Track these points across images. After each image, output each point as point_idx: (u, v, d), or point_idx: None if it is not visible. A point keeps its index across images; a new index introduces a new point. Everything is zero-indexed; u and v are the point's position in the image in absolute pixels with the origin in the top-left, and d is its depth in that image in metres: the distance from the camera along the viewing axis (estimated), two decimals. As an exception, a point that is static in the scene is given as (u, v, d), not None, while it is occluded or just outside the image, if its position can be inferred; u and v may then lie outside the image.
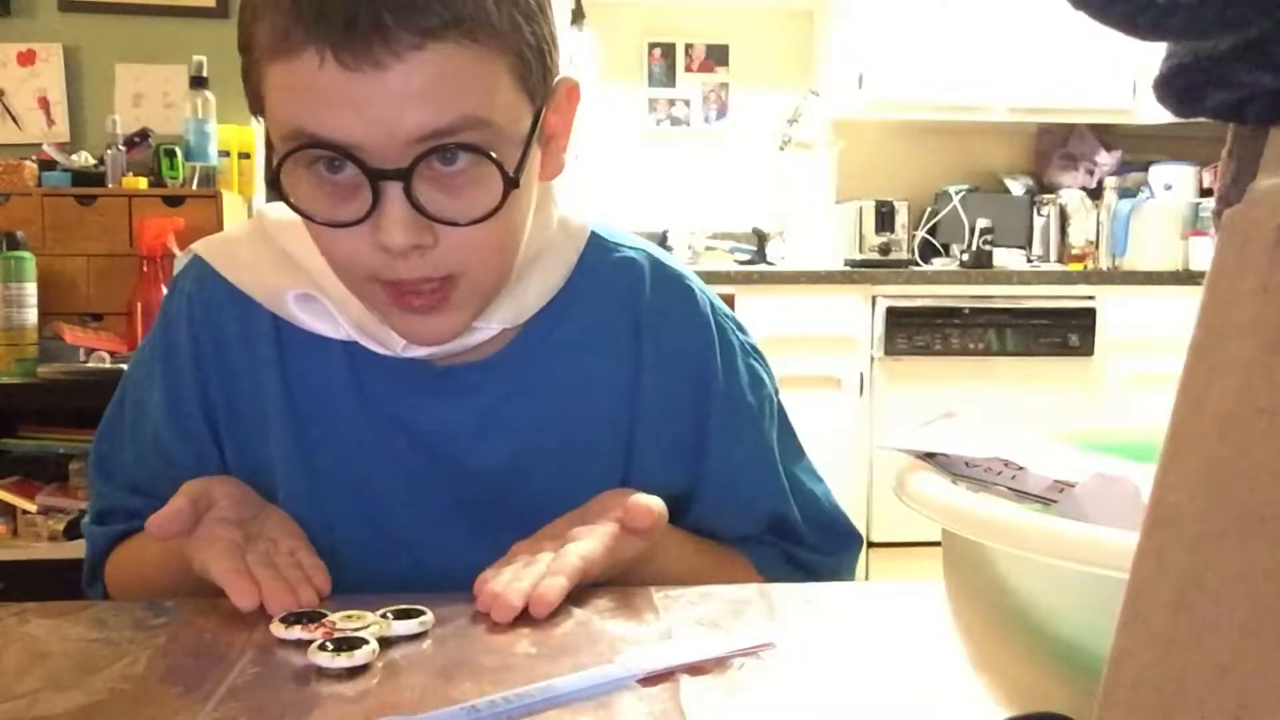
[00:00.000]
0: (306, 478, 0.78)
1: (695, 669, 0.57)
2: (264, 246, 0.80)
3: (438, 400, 0.78)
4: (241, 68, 0.67)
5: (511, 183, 0.65)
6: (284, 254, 0.79)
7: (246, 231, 0.83)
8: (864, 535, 3.19)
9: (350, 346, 0.78)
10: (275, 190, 0.66)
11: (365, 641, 0.58)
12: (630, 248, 0.84)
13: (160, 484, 0.78)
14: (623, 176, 3.64)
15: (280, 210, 0.78)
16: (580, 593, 0.68)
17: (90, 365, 2.07)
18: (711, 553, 0.82)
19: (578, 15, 3.24)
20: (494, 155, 0.64)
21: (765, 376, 0.86)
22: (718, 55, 3.79)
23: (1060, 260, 3.64)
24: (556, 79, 0.70)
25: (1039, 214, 3.68)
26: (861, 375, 3.20)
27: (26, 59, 2.62)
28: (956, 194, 3.65)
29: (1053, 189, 3.75)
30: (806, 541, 0.86)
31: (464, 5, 0.61)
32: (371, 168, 0.63)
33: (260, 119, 0.68)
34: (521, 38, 0.65)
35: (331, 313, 0.76)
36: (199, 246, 0.83)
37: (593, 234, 0.83)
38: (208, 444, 0.80)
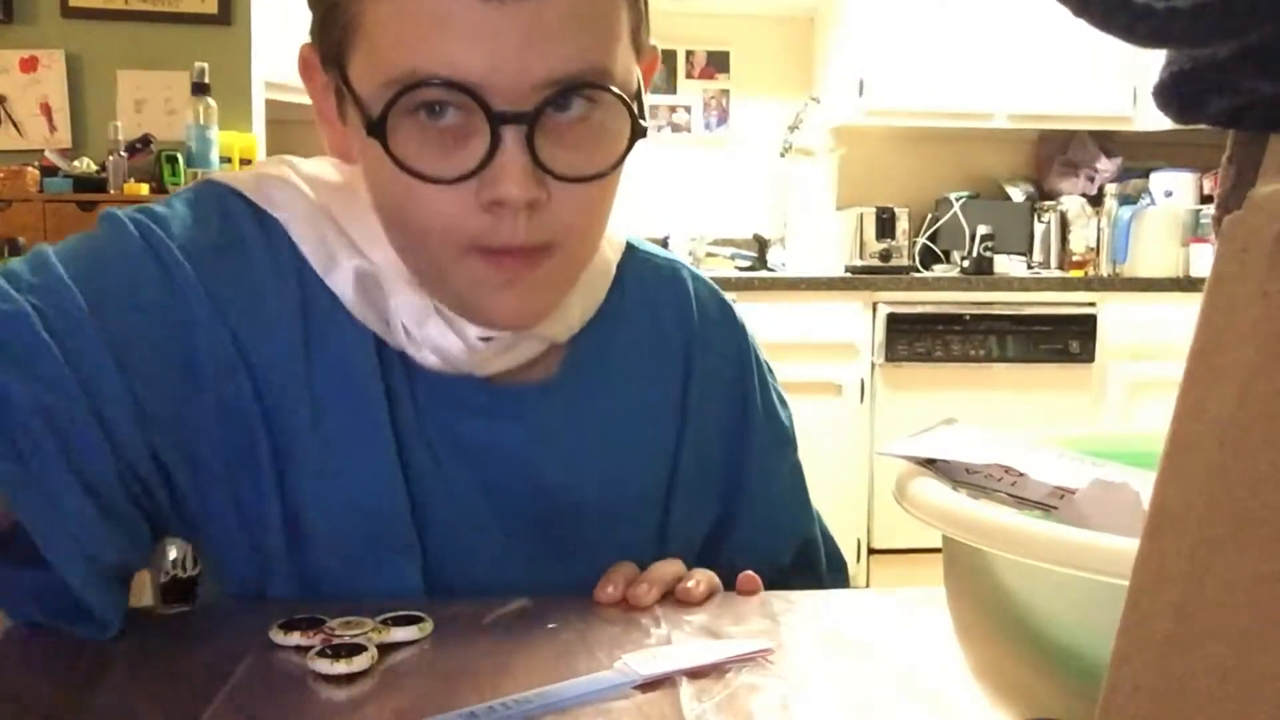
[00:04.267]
0: (333, 479, 0.68)
1: (694, 675, 0.57)
2: (315, 209, 0.68)
3: (486, 419, 0.71)
4: (318, 16, 0.61)
5: (640, 131, 0.61)
6: (338, 226, 0.68)
7: (288, 181, 0.69)
8: (865, 541, 3.20)
9: (388, 353, 0.69)
10: (379, 140, 0.58)
11: (364, 648, 0.58)
12: (664, 258, 0.81)
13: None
14: (624, 183, 3.63)
15: (316, 167, 0.70)
16: (580, 597, 0.68)
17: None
18: None
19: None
20: (625, 99, 0.59)
21: (785, 398, 0.85)
22: (718, 62, 3.80)
23: (1061, 267, 3.64)
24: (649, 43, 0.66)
25: (1040, 221, 3.68)
26: (862, 382, 3.20)
27: (29, 65, 2.63)
28: (957, 201, 3.65)
29: (1053, 196, 3.75)
30: (820, 570, 0.86)
31: None
32: (494, 111, 0.56)
33: (332, 71, 0.62)
34: None
35: (391, 310, 0.67)
36: (236, 183, 0.69)
37: (628, 241, 0.79)
38: (160, 398, 0.63)
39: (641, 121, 0.61)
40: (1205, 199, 3.55)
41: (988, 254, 3.51)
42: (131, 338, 0.62)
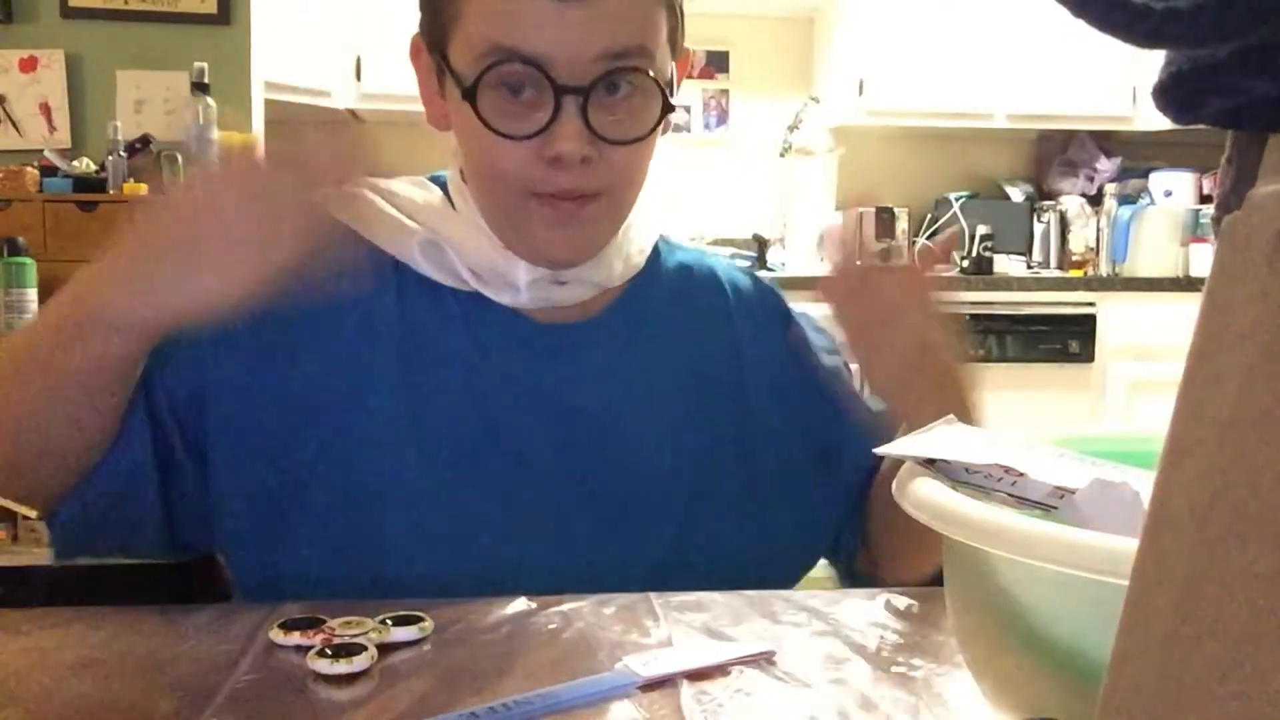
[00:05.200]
0: (414, 428, 0.78)
1: (695, 676, 0.57)
2: (374, 204, 0.82)
3: (549, 354, 0.83)
4: (429, 8, 0.77)
5: (669, 107, 0.78)
6: (396, 211, 0.82)
7: (344, 193, 0.80)
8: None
9: (465, 302, 0.82)
10: (472, 104, 0.73)
11: (364, 647, 0.58)
12: (693, 248, 0.97)
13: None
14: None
15: (410, 192, 0.84)
16: (581, 598, 0.68)
17: (91, 371, 2.07)
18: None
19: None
20: (658, 80, 0.76)
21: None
22: (718, 62, 3.80)
23: (1060, 267, 3.64)
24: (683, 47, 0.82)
25: (1039, 221, 3.68)
26: (862, 381, 3.20)
27: (28, 65, 2.63)
28: (957, 201, 3.66)
29: (1053, 196, 3.75)
30: None
31: None
32: (558, 83, 0.72)
33: (434, 53, 0.77)
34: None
35: (454, 260, 0.81)
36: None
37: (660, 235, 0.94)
38: (188, 382, 0.77)
39: (671, 100, 0.78)
40: (1205, 199, 3.55)
41: (987, 254, 3.51)
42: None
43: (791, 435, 0.89)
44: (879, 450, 0.55)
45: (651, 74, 0.75)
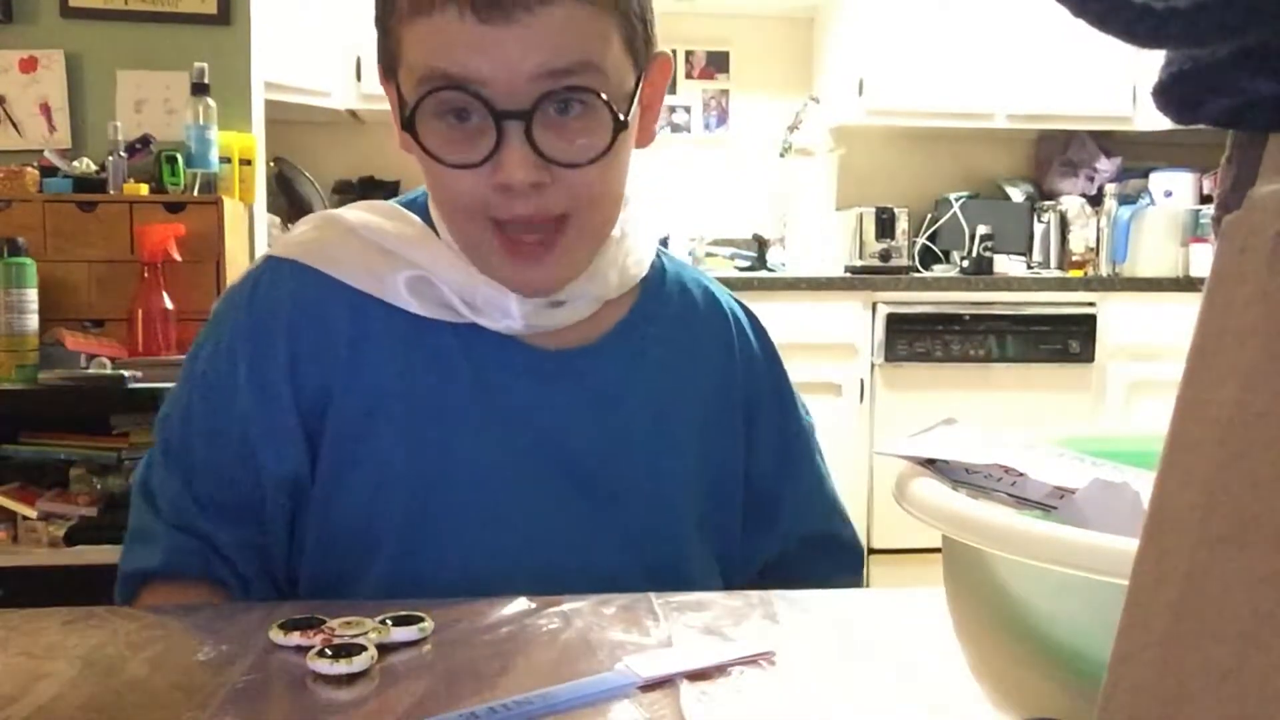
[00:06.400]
0: (424, 463, 0.78)
1: (696, 676, 0.57)
2: (355, 242, 0.82)
3: (548, 382, 0.81)
4: (378, 38, 0.75)
5: (621, 125, 0.72)
6: (380, 247, 0.81)
7: (326, 234, 0.83)
8: (864, 541, 3.19)
9: (464, 334, 0.80)
10: (410, 134, 0.72)
11: (364, 648, 0.58)
12: (690, 269, 0.95)
13: (222, 490, 0.79)
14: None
15: (353, 213, 0.83)
16: (581, 598, 0.68)
17: (91, 371, 2.07)
18: None
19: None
20: (604, 96, 0.71)
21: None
22: (718, 62, 3.80)
23: (1060, 267, 3.64)
24: (655, 51, 0.78)
25: (1039, 221, 3.68)
26: (862, 382, 3.20)
27: (28, 65, 2.63)
28: (957, 200, 3.65)
29: (1053, 196, 3.75)
30: (850, 538, 0.98)
31: None
32: (497, 109, 0.69)
33: (391, 82, 0.75)
34: (629, 3, 0.73)
35: (445, 293, 0.79)
36: (283, 250, 0.83)
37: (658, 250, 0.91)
38: (297, 444, 0.79)
39: (621, 116, 0.72)
40: (1205, 199, 3.55)
41: (987, 254, 3.51)
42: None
43: (751, 475, 0.89)
44: (879, 450, 0.56)
45: (599, 90, 0.71)
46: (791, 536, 0.91)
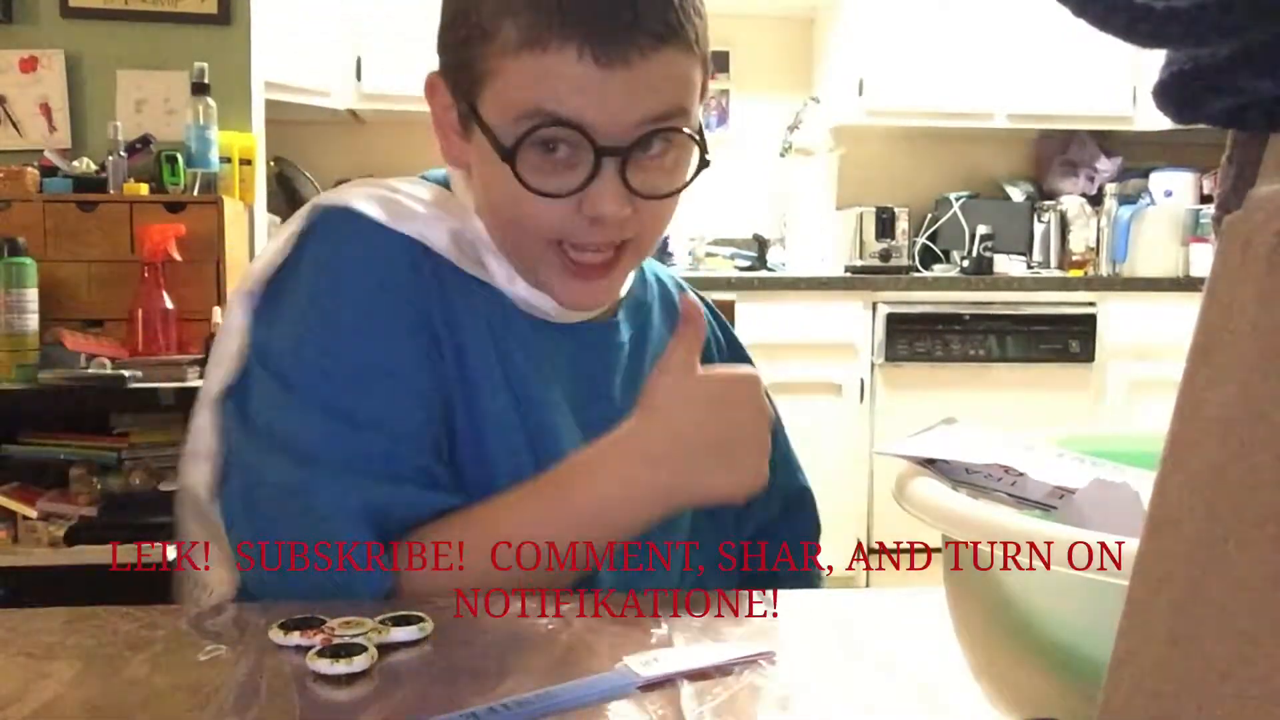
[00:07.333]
0: (523, 432, 0.79)
1: (695, 676, 0.57)
2: (395, 199, 0.81)
3: (583, 350, 0.85)
4: (458, 56, 0.76)
5: (705, 163, 0.79)
6: (415, 204, 0.81)
7: (409, 203, 0.81)
8: (864, 541, 3.19)
9: (491, 299, 0.81)
10: (510, 164, 0.73)
11: (364, 648, 0.58)
12: (664, 273, 0.99)
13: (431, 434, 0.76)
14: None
15: (417, 190, 0.83)
16: (581, 599, 0.68)
17: (91, 371, 2.07)
18: None
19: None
20: (696, 137, 0.77)
21: None
22: (718, 62, 3.80)
23: (1061, 267, 3.64)
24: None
25: (1039, 220, 3.68)
26: (862, 381, 3.20)
27: (29, 65, 2.63)
28: (957, 200, 3.66)
29: (1053, 195, 3.75)
30: (813, 511, 1.00)
31: (681, 18, 0.73)
32: (599, 145, 0.72)
33: (461, 98, 0.77)
34: (706, 49, 0.78)
35: (514, 275, 0.81)
36: (376, 213, 0.79)
37: None
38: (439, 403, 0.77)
39: (707, 156, 0.79)
40: (1205, 199, 3.55)
41: (987, 254, 3.51)
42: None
43: None
44: (879, 450, 0.56)
45: (688, 130, 0.75)
46: (776, 497, 0.94)
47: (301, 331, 0.76)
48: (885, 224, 3.51)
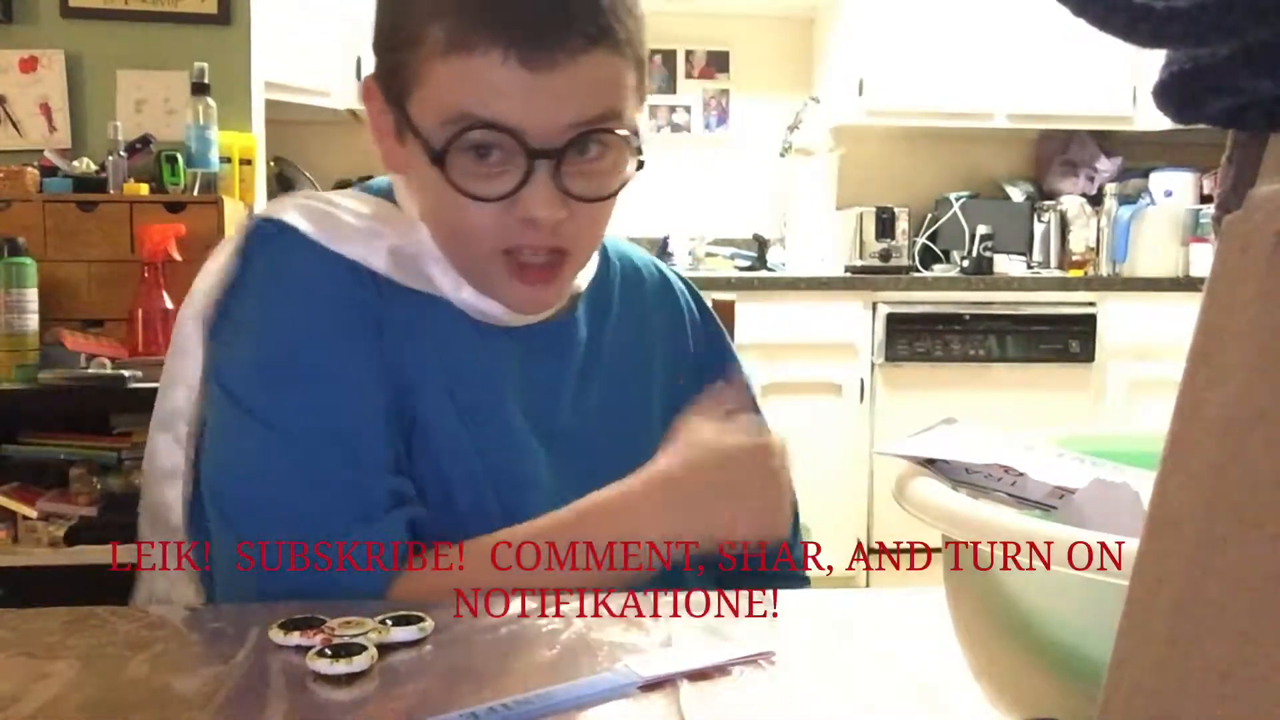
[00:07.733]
0: (475, 448, 0.80)
1: (695, 676, 0.57)
2: (334, 215, 0.81)
3: (534, 355, 0.84)
4: (390, 61, 0.76)
5: (640, 163, 0.78)
6: (355, 220, 0.81)
7: (347, 219, 0.81)
8: (864, 541, 3.19)
9: (440, 309, 0.81)
10: (440, 167, 0.73)
11: (364, 648, 0.58)
12: (638, 250, 0.98)
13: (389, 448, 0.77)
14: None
15: (354, 204, 0.82)
16: (581, 599, 0.68)
17: (91, 371, 2.07)
18: None
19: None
20: (630, 139, 0.76)
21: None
22: (718, 62, 3.80)
23: (1061, 267, 3.64)
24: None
25: (1039, 220, 3.68)
26: (862, 381, 3.20)
27: (28, 65, 2.63)
28: (957, 200, 3.65)
29: (1053, 195, 3.75)
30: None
31: (611, 19, 0.73)
32: (531, 148, 0.72)
33: (394, 105, 0.76)
34: (640, 50, 0.77)
35: (428, 266, 0.81)
36: (309, 230, 0.79)
37: None
38: (393, 419, 0.78)
39: (640, 157, 0.78)
40: (1205, 199, 3.55)
41: (987, 254, 3.51)
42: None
43: None
44: (879, 450, 0.56)
45: (622, 132, 0.75)
46: None
47: (256, 354, 0.78)
48: (885, 224, 3.51)
